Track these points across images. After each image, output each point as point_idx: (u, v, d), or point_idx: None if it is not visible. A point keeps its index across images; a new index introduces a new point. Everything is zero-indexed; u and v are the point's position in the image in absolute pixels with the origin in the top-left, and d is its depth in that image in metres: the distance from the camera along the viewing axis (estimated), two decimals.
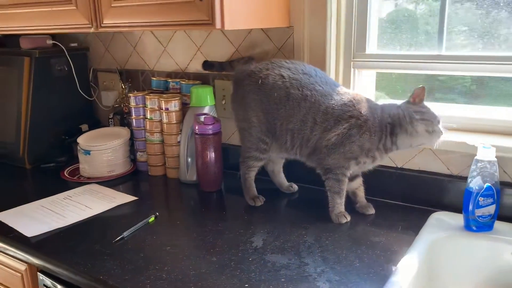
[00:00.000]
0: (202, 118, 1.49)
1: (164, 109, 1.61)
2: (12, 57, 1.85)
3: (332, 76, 1.48)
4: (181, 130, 1.61)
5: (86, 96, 1.98)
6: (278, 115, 1.30)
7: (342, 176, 1.25)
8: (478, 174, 1.14)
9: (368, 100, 1.27)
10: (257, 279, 1.00)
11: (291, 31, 1.49)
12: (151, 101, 1.64)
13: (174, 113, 1.61)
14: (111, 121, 1.92)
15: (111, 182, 1.65)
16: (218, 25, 1.17)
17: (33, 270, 1.21)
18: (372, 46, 1.47)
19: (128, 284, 1.01)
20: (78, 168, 1.74)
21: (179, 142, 1.62)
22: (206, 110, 1.59)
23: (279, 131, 1.32)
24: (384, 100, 1.48)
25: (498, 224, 1.18)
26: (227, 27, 1.19)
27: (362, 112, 1.23)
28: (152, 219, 1.32)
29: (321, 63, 1.45)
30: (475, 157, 1.14)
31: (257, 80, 1.32)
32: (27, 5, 1.52)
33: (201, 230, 1.26)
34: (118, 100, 1.92)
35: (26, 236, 1.25)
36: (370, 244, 1.15)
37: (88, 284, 1.04)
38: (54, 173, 1.76)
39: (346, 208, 1.29)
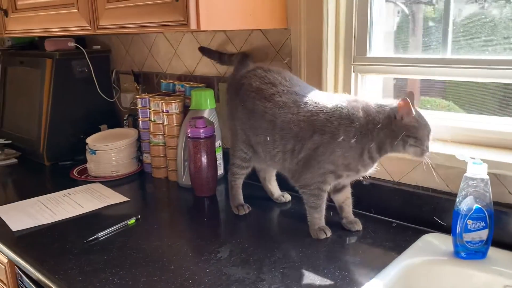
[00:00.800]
0: (194, 121, 1.46)
1: (164, 111, 1.60)
2: (36, 59, 1.95)
3: (330, 81, 1.38)
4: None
5: (105, 97, 2.04)
6: (249, 126, 1.24)
7: (318, 191, 1.15)
8: (470, 193, 1.00)
9: (340, 106, 1.11)
10: None
11: (289, 33, 1.42)
12: (154, 103, 1.65)
13: (174, 116, 1.60)
14: (126, 122, 1.95)
15: (114, 182, 1.68)
16: (193, 25, 1.14)
17: (12, 263, 1.25)
18: (376, 49, 1.36)
19: (78, 285, 1.00)
20: (87, 168, 1.78)
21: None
22: (205, 113, 1.56)
23: (253, 143, 1.25)
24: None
25: (495, 252, 1.03)
26: (204, 27, 1.16)
27: (327, 126, 1.09)
28: (132, 221, 1.31)
29: (318, 66, 1.37)
30: (465, 174, 1.01)
31: (236, 88, 1.27)
32: (35, 9, 1.58)
33: (174, 236, 1.23)
34: (132, 101, 1.95)
35: (11, 230, 1.29)
36: (341, 264, 1.05)
37: (42, 282, 1.05)
38: (69, 171, 1.81)
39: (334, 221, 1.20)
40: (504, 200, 1.10)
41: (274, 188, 1.43)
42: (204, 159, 1.47)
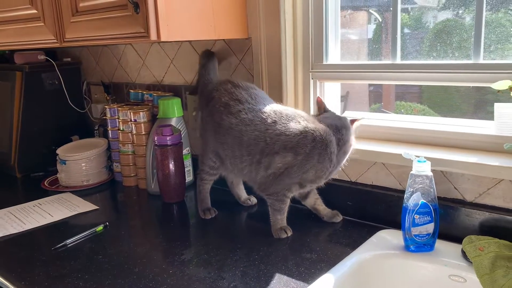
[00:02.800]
0: (161, 129, 1.50)
1: (132, 120, 1.64)
2: (6, 72, 1.97)
3: (290, 87, 1.45)
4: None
5: (76, 109, 2.06)
6: (217, 138, 1.28)
7: (283, 196, 1.21)
8: (416, 190, 1.06)
9: (312, 130, 1.14)
10: None
11: (250, 42, 1.48)
12: (123, 113, 1.68)
13: (142, 124, 1.64)
14: (96, 132, 1.98)
15: (84, 192, 1.70)
16: (153, 36, 1.19)
17: None
18: (333, 57, 1.43)
19: None
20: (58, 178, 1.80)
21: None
22: (173, 121, 1.60)
23: (221, 153, 1.30)
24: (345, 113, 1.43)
25: (442, 245, 1.09)
26: (164, 38, 1.20)
27: (302, 149, 1.13)
28: (100, 228, 1.34)
29: (278, 74, 1.43)
30: (411, 172, 1.07)
31: (206, 100, 1.32)
32: (2, 23, 1.61)
33: (141, 241, 1.27)
34: (103, 112, 1.99)
35: None
36: (299, 261, 1.10)
37: None
38: (41, 182, 1.83)
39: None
40: (450, 196, 1.16)
41: (241, 191, 1.48)
42: (171, 166, 1.51)
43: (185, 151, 1.61)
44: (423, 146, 1.24)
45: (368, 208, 1.29)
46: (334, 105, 1.47)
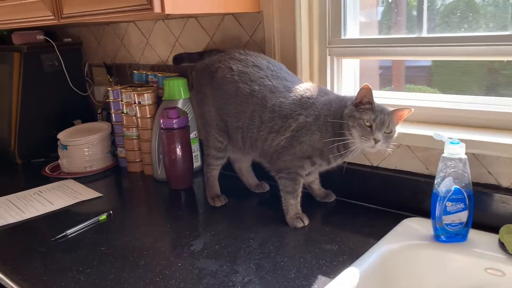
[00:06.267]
0: (166, 111, 1.41)
1: (137, 102, 1.55)
2: (3, 53, 1.87)
3: (305, 65, 1.34)
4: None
5: (78, 91, 1.97)
6: (228, 111, 1.20)
7: (295, 175, 1.12)
8: (448, 174, 0.96)
9: (322, 94, 1.12)
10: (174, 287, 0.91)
11: (261, 17, 1.37)
12: (126, 95, 1.59)
13: (147, 107, 1.55)
14: (99, 116, 1.89)
15: (87, 178, 1.62)
16: (157, 9, 1.09)
17: None
18: (352, 31, 1.32)
19: (41, 285, 0.95)
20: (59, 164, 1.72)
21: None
22: (179, 103, 1.50)
23: (231, 129, 1.21)
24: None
25: (475, 235, 1.00)
26: (169, 10, 1.10)
27: (312, 109, 1.09)
28: (103, 217, 1.26)
29: (292, 51, 1.33)
30: (442, 155, 0.97)
31: (209, 74, 1.22)
32: None
33: (147, 231, 1.18)
34: (106, 95, 1.89)
35: None
36: (318, 252, 1.01)
37: (5, 282, 0.99)
38: (42, 168, 1.75)
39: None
40: (483, 181, 1.06)
41: (250, 178, 1.39)
42: (178, 151, 1.42)
43: (192, 135, 1.51)
44: (452, 127, 1.14)
45: (392, 195, 1.19)
46: (352, 84, 1.37)
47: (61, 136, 1.68)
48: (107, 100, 1.69)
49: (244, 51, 1.22)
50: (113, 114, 1.67)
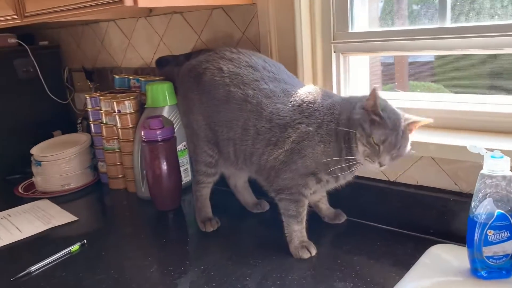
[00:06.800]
0: (148, 121, 1.22)
1: (116, 111, 1.36)
2: None
3: (307, 64, 1.16)
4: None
5: (57, 100, 1.79)
6: (218, 120, 1.01)
7: (299, 195, 0.94)
8: (488, 195, 0.78)
9: (326, 97, 0.95)
10: None
11: (255, 9, 1.18)
12: (105, 103, 1.40)
13: (128, 116, 1.36)
14: (79, 127, 1.71)
15: (65, 197, 1.44)
16: (128, 2, 0.91)
17: None
18: (361, 23, 1.14)
19: None
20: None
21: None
22: (164, 111, 1.32)
23: (221, 141, 1.03)
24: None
25: None
26: (143, 3, 0.92)
27: (314, 116, 0.91)
28: (76, 248, 1.07)
29: (291, 48, 1.14)
30: (481, 171, 0.78)
31: (196, 77, 1.04)
32: None
33: (123, 265, 1.00)
34: (85, 102, 1.71)
35: None
36: None
37: None
38: (15, 187, 1.57)
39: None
40: None
41: (247, 196, 1.20)
42: (164, 166, 1.23)
43: (180, 147, 1.33)
44: (486, 134, 0.95)
45: (413, 216, 1.01)
46: (361, 85, 1.19)
47: (35, 150, 1.50)
48: (86, 109, 1.50)
49: (236, 49, 1.04)
50: (92, 125, 1.49)
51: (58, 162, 1.45)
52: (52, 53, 1.82)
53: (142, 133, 1.22)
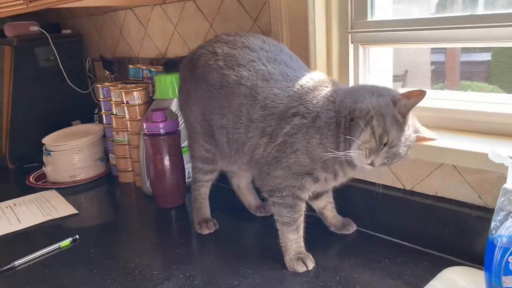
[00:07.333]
0: (151, 113, 1.16)
1: (125, 102, 1.31)
2: None
3: (321, 55, 1.05)
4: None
5: (77, 89, 1.77)
6: (212, 107, 0.93)
7: (293, 199, 0.84)
8: (510, 214, 0.65)
9: (329, 84, 0.84)
10: None
11: None
12: (115, 93, 1.36)
13: (137, 107, 1.31)
14: (96, 117, 1.68)
15: (73, 189, 1.41)
16: None
17: None
18: (382, 10, 1.02)
19: None
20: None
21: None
22: (173, 103, 1.25)
23: (216, 129, 0.94)
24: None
25: None
26: None
27: (312, 105, 0.81)
28: (66, 243, 1.03)
29: (304, 38, 1.04)
30: (504, 186, 0.65)
31: (191, 65, 0.96)
32: None
33: (109, 265, 0.94)
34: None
35: None
36: None
37: None
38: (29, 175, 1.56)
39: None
40: None
41: (251, 198, 1.12)
42: (166, 161, 1.17)
43: (186, 142, 1.26)
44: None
45: (430, 230, 0.88)
46: (385, 81, 1.06)
47: (47, 140, 1.48)
48: (99, 99, 1.46)
49: (235, 33, 0.95)
50: (104, 115, 1.45)
51: (68, 152, 1.42)
52: (74, 42, 1.80)
53: (144, 125, 1.16)
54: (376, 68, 1.06)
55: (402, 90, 0.80)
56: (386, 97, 0.77)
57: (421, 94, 0.73)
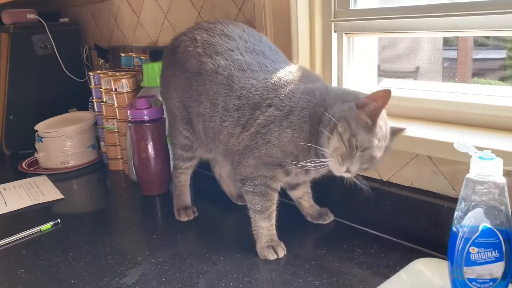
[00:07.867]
0: (135, 100, 1.16)
1: (113, 89, 1.32)
2: None
3: (304, 45, 1.04)
4: None
5: (73, 77, 1.78)
6: (191, 94, 0.93)
7: (265, 188, 0.84)
8: (476, 205, 0.64)
9: (309, 80, 0.83)
10: None
11: None
12: (105, 81, 1.36)
13: (125, 95, 1.31)
14: (90, 105, 1.69)
15: (63, 175, 1.43)
16: None
17: None
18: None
19: None
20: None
21: None
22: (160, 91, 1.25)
23: (193, 117, 0.94)
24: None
25: None
26: None
27: (288, 98, 0.80)
28: (46, 227, 1.04)
29: (286, 27, 1.03)
30: (467, 175, 0.64)
31: (172, 52, 0.96)
32: None
33: (85, 250, 0.94)
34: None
35: None
36: None
37: None
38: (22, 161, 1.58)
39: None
40: None
41: (232, 186, 1.12)
42: (150, 149, 1.17)
43: None
44: (492, 131, 0.80)
45: (404, 222, 0.87)
46: (368, 78, 1.05)
47: (39, 126, 1.49)
48: (90, 86, 1.47)
49: (216, 20, 0.94)
50: (95, 103, 1.46)
51: (59, 139, 1.44)
52: (72, 30, 1.82)
53: (128, 112, 1.17)
54: (360, 58, 1.05)
55: (370, 92, 0.79)
56: (351, 102, 0.75)
57: (385, 94, 0.71)
